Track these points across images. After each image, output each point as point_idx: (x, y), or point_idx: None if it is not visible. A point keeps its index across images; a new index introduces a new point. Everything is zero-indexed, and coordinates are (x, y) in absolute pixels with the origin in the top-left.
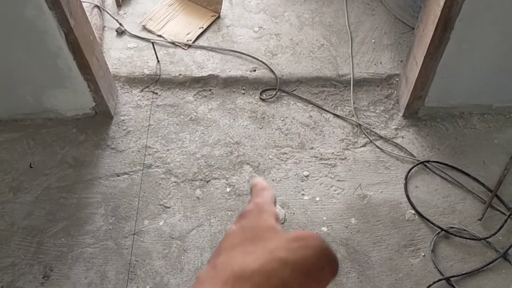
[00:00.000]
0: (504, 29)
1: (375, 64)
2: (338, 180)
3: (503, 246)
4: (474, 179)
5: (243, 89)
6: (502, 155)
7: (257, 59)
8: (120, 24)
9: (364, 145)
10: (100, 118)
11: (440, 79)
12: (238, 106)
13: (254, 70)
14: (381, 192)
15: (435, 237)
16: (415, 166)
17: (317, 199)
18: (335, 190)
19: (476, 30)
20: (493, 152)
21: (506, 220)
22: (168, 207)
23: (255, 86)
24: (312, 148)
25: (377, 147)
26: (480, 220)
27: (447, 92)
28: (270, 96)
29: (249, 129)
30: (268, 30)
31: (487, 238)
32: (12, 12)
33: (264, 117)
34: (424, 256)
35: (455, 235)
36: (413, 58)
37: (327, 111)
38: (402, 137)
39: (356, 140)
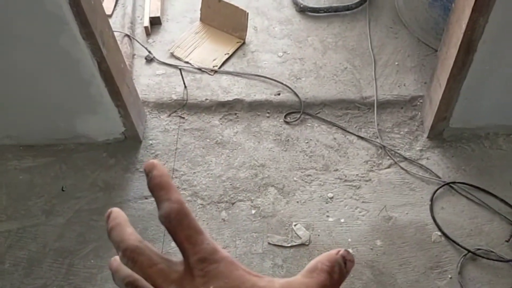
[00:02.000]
0: None
1: (398, 86)
2: (363, 202)
3: None
4: (501, 200)
5: (268, 113)
6: None
7: (282, 83)
8: (149, 51)
9: (388, 167)
10: (130, 142)
11: (464, 101)
12: (263, 129)
13: (279, 94)
14: (407, 213)
15: (462, 259)
16: (440, 187)
17: (342, 220)
18: (360, 212)
19: (500, 51)
20: None
21: None
22: None
23: (280, 110)
24: (336, 170)
25: (402, 168)
26: (507, 241)
27: (472, 113)
28: (295, 119)
29: (273, 151)
30: (292, 55)
31: None
32: (48, 42)
33: (288, 139)
34: (451, 278)
35: (483, 257)
36: (436, 80)
37: (351, 133)
38: (427, 158)
39: (380, 161)
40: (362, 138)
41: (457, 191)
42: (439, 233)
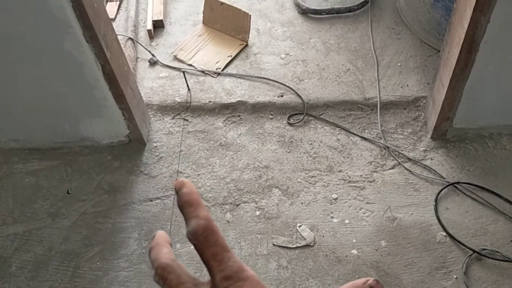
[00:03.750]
0: None
1: (401, 87)
2: (367, 203)
3: None
4: (506, 200)
5: (271, 114)
6: None
7: (284, 85)
8: (153, 54)
9: (392, 167)
10: (134, 145)
11: (467, 101)
12: (266, 131)
13: (282, 96)
14: (411, 214)
15: (467, 259)
16: (445, 187)
17: (347, 221)
18: (364, 213)
19: (502, 51)
20: None
21: None
22: None
23: (283, 111)
24: (340, 171)
25: (406, 169)
26: None
27: (475, 113)
28: (298, 121)
29: (277, 153)
30: (295, 57)
31: None
32: (52, 46)
33: (292, 141)
34: (456, 278)
35: (488, 257)
36: (439, 81)
37: (354, 134)
38: (431, 159)
39: (384, 162)
40: (365, 139)
41: (461, 191)
42: (444, 234)
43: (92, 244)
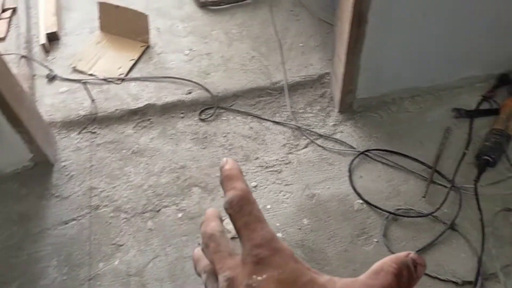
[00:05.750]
0: (414, 15)
1: (305, 66)
2: (286, 185)
3: (449, 217)
4: (414, 159)
5: (182, 113)
6: (436, 132)
7: (191, 81)
8: (50, 69)
9: (306, 146)
10: (40, 168)
11: (365, 71)
12: (179, 130)
13: (190, 93)
14: (328, 188)
15: (384, 222)
16: (356, 157)
17: (268, 207)
18: (284, 195)
19: (389, 20)
20: (428, 130)
21: (448, 193)
22: (121, 245)
23: (193, 108)
24: (256, 158)
25: (319, 145)
26: (424, 197)
27: (375, 82)
28: (209, 115)
29: (192, 151)
30: (198, 51)
31: (433, 213)
32: None
33: (206, 136)
34: (377, 242)
35: (403, 216)
36: (337, 56)
37: (266, 119)
38: (341, 132)
39: (297, 142)
40: (277, 123)
41: (372, 158)
42: (361, 201)
43: (9, 280)
